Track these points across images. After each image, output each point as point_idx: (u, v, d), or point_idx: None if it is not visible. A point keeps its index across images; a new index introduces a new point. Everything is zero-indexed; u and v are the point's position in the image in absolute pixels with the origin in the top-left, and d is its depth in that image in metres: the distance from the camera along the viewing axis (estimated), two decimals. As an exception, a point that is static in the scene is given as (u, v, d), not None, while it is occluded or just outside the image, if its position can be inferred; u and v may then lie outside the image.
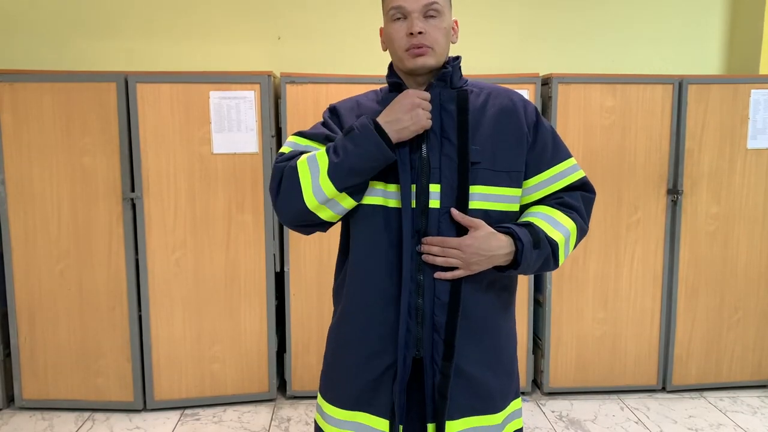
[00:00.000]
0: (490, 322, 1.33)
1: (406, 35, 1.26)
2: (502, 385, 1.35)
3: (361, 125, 1.22)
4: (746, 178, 2.95)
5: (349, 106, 1.38)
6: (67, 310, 2.77)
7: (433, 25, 1.26)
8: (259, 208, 2.79)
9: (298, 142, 1.35)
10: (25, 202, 2.71)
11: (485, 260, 1.24)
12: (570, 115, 2.85)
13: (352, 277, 1.33)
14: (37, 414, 2.80)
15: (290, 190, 1.25)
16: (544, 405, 2.94)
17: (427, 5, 1.25)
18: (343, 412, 1.33)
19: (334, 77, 2.77)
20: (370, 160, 1.21)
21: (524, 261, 1.25)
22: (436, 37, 1.26)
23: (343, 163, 1.21)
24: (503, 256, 1.25)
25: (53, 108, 2.66)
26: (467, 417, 1.30)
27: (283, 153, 1.33)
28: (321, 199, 1.24)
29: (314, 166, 1.24)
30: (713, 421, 2.79)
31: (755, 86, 2.89)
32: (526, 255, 1.25)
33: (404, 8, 1.25)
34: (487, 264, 1.25)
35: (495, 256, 1.24)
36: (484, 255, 1.23)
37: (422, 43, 1.25)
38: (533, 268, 1.30)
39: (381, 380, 1.30)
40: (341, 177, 1.22)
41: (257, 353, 2.89)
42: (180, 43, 3.19)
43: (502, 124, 1.31)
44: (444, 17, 1.27)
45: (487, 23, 3.30)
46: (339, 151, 1.22)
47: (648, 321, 3.00)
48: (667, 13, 3.38)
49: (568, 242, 1.32)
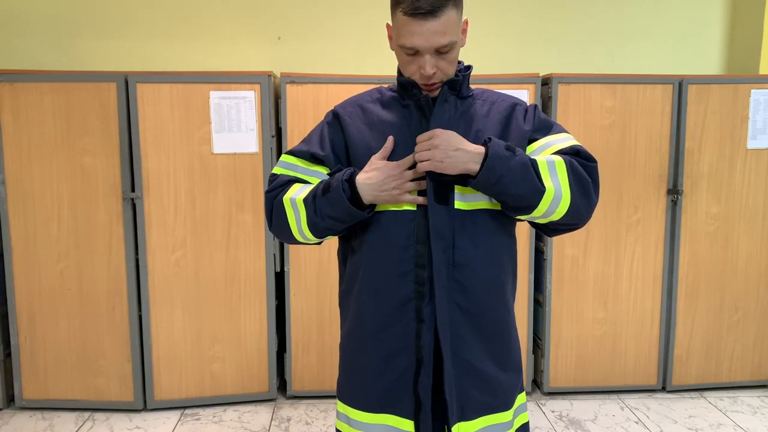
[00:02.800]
0: (499, 320, 1.35)
1: (417, 71, 1.25)
2: (511, 380, 1.38)
3: (336, 188, 1.25)
4: (746, 178, 2.95)
5: (354, 112, 1.38)
6: (67, 310, 2.77)
7: (444, 59, 1.24)
8: (259, 208, 2.79)
9: (290, 161, 1.40)
10: (25, 202, 2.71)
11: (453, 152, 1.21)
12: (570, 115, 2.85)
13: (363, 281, 1.34)
14: (37, 414, 2.80)
15: (280, 224, 1.35)
16: (544, 405, 2.94)
17: (441, 46, 1.22)
18: (370, 415, 1.35)
19: (334, 77, 2.77)
20: (344, 221, 1.29)
21: (495, 157, 1.21)
22: (446, 71, 1.27)
23: (320, 222, 1.29)
24: (473, 154, 1.21)
25: (53, 108, 2.66)
26: (483, 416, 1.32)
27: (275, 176, 1.39)
28: (307, 239, 1.35)
29: (297, 213, 1.31)
30: (713, 421, 2.79)
31: (755, 86, 2.89)
32: (497, 150, 1.21)
33: (417, 48, 1.22)
34: (455, 158, 1.21)
35: (463, 151, 1.21)
36: (453, 146, 1.21)
37: (433, 82, 1.26)
38: (512, 180, 1.21)
39: (401, 381, 1.31)
40: (319, 231, 1.32)
41: (257, 353, 2.89)
42: (180, 43, 3.19)
43: (505, 127, 1.33)
44: (455, 49, 1.25)
45: (488, 23, 3.30)
46: (317, 209, 1.28)
47: (648, 321, 3.01)
48: (667, 13, 3.38)
49: (554, 168, 1.25)
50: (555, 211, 1.26)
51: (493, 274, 1.31)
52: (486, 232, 1.30)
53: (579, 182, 1.27)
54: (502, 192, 1.23)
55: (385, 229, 1.30)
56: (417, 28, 1.19)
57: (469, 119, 1.32)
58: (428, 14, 1.17)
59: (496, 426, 1.33)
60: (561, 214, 1.27)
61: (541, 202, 1.24)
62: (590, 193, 1.29)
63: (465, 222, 1.28)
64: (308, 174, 1.36)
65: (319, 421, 2.76)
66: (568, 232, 1.37)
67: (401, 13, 1.20)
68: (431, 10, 1.17)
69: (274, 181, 1.38)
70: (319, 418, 2.79)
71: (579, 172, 1.27)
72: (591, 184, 1.29)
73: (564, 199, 1.25)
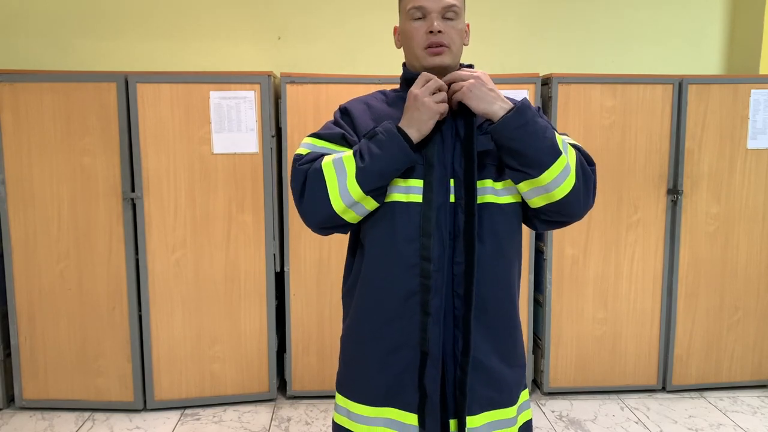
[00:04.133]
0: (505, 315, 1.35)
1: (425, 33, 1.30)
2: (515, 376, 1.38)
3: (386, 129, 1.25)
4: (746, 178, 2.95)
5: (361, 108, 1.38)
6: (67, 310, 2.77)
7: (450, 25, 1.30)
8: (259, 208, 2.79)
9: (316, 143, 1.35)
10: (25, 202, 2.71)
11: (487, 90, 1.24)
12: (570, 115, 2.85)
13: (368, 274, 1.34)
14: (37, 414, 2.80)
15: (316, 192, 1.27)
16: (544, 405, 2.94)
17: (447, 7, 1.29)
18: (372, 408, 1.35)
19: (334, 77, 2.77)
20: (395, 163, 1.24)
21: (525, 107, 1.23)
22: (453, 37, 1.31)
23: (371, 166, 1.23)
24: (504, 101, 1.25)
25: (53, 108, 2.66)
26: (487, 411, 1.32)
27: (302, 155, 1.33)
28: (348, 202, 1.26)
29: (341, 170, 1.25)
30: (713, 421, 2.79)
31: (755, 86, 2.89)
32: (526, 104, 1.24)
33: (425, 8, 1.29)
34: (486, 95, 1.24)
35: (496, 94, 1.25)
36: (489, 86, 1.25)
37: (441, 42, 1.30)
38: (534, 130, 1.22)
39: (404, 375, 1.32)
40: (368, 180, 1.24)
41: (257, 353, 2.89)
42: (180, 43, 3.19)
43: None
44: (460, 19, 1.33)
45: (488, 23, 3.30)
46: (365, 155, 1.24)
47: (648, 321, 3.01)
48: (667, 13, 3.38)
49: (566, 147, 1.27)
50: (561, 184, 1.24)
51: (500, 269, 1.32)
52: (492, 225, 1.30)
53: (584, 172, 1.29)
54: (523, 139, 1.21)
55: (392, 222, 1.30)
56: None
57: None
58: None
59: (499, 422, 1.34)
60: (564, 192, 1.25)
61: (554, 165, 1.23)
62: (590, 188, 1.31)
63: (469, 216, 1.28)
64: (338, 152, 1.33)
65: (319, 421, 2.76)
66: (558, 226, 1.38)
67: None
68: None
69: (301, 159, 1.33)
70: (319, 418, 2.79)
71: (584, 164, 1.30)
72: (592, 181, 1.31)
73: (570, 176, 1.25)
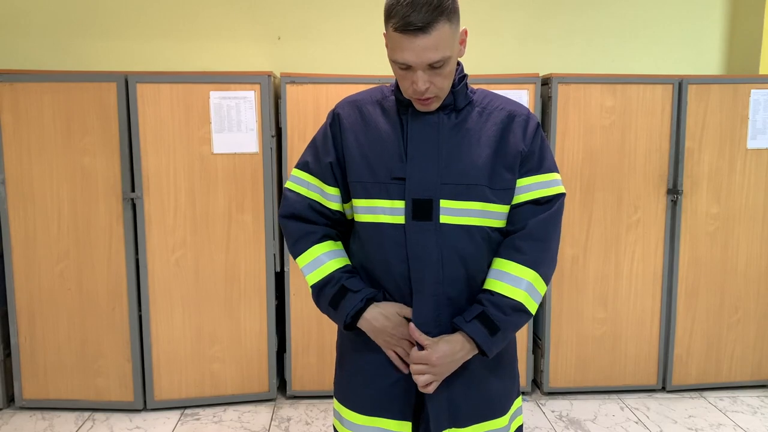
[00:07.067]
0: None
1: (411, 84, 1.21)
2: (506, 387, 1.38)
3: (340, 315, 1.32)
4: (746, 178, 2.95)
5: (353, 117, 1.34)
6: (67, 310, 2.77)
7: (437, 74, 1.20)
8: (259, 208, 2.79)
9: (305, 178, 1.37)
10: (25, 202, 2.71)
11: (453, 364, 1.27)
12: (570, 115, 2.85)
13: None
14: (37, 414, 2.80)
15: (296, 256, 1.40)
16: (544, 405, 2.94)
17: (433, 63, 1.17)
18: (362, 417, 1.35)
19: (334, 77, 2.77)
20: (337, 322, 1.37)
21: (489, 350, 1.27)
22: (441, 86, 1.23)
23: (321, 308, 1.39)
24: (466, 352, 1.27)
25: (53, 108, 2.66)
26: (477, 423, 1.32)
27: (291, 191, 1.38)
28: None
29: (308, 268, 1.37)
30: (713, 421, 2.79)
31: (755, 86, 2.89)
32: (488, 346, 1.26)
33: (409, 64, 1.19)
34: (455, 365, 1.27)
35: (458, 359, 1.27)
36: (448, 361, 1.26)
37: (427, 96, 1.23)
38: (508, 338, 1.31)
39: (396, 385, 1.32)
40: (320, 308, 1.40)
41: (257, 353, 2.89)
42: (180, 43, 3.19)
43: (500, 140, 1.29)
44: (450, 61, 1.20)
45: (488, 23, 3.30)
46: (321, 304, 1.37)
47: (648, 321, 3.00)
48: (667, 14, 3.38)
49: (534, 290, 1.29)
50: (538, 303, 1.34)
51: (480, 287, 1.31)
52: (472, 247, 1.28)
53: (549, 276, 1.33)
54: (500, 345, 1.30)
55: (379, 240, 1.29)
56: (408, 44, 1.15)
57: (463, 132, 1.29)
58: (419, 31, 1.13)
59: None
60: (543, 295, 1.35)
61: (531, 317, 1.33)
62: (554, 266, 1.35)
63: (450, 237, 1.26)
64: (325, 197, 1.35)
65: (319, 421, 2.76)
66: None
67: (392, 28, 1.16)
68: (422, 27, 1.13)
69: (288, 199, 1.37)
70: (319, 418, 2.79)
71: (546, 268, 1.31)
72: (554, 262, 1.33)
73: (542, 294, 1.33)
